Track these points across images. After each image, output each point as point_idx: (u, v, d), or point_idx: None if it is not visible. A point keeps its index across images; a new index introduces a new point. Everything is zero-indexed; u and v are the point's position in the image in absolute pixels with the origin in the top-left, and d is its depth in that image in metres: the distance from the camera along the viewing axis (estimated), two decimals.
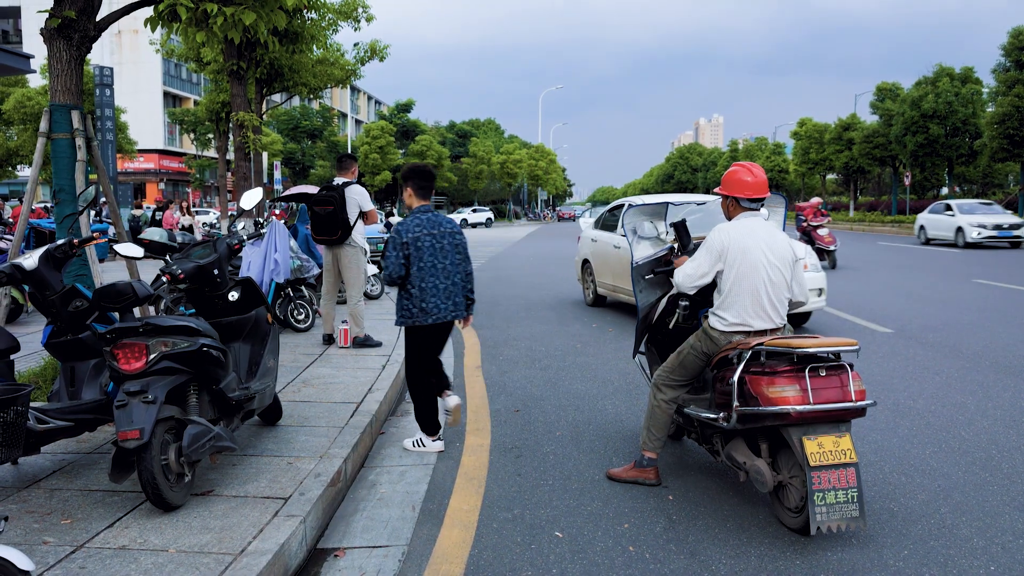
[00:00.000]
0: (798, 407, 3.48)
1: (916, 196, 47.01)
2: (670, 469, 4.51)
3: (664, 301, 4.71)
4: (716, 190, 4.22)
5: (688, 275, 4.08)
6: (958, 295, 12.07)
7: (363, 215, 7.47)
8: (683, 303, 4.53)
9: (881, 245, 26.05)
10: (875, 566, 3.32)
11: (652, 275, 4.68)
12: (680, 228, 4.61)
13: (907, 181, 39.46)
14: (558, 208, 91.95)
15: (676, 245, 4.69)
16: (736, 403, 3.66)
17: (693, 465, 4.58)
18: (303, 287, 8.70)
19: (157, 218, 22.28)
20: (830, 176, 58.47)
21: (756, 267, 3.89)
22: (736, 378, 3.67)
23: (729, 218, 4.12)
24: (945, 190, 46.89)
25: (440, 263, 4.67)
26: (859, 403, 3.55)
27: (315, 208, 7.39)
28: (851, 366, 3.63)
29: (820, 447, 3.49)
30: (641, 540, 3.61)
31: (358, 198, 7.42)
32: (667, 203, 5.08)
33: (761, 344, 3.67)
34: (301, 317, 8.58)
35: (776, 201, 4.56)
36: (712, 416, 3.92)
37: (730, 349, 3.86)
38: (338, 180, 7.52)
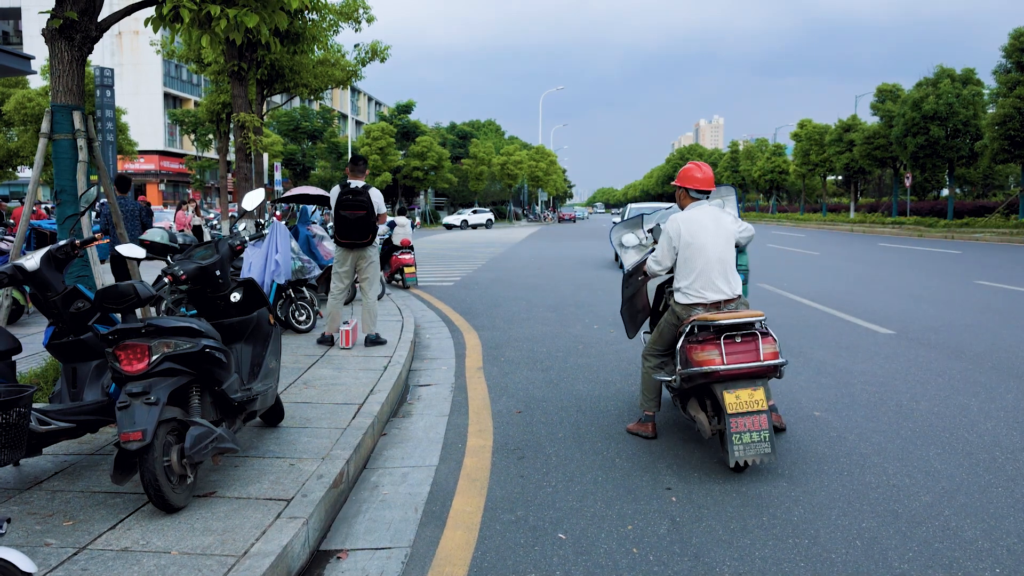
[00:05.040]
0: (717, 367, 4.34)
1: (917, 198, 47.01)
2: (673, 471, 4.51)
3: (654, 290, 5.49)
4: (673, 182, 5.05)
5: (656, 260, 4.91)
6: (959, 296, 12.06)
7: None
8: (669, 290, 5.20)
9: (882, 246, 26.05)
10: (880, 568, 3.31)
11: (642, 276, 5.30)
12: (656, 231, 5.29)
13: (908, 182, 39.45)
14: (559, 209, 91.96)
15: (655, 246, 5.29)
16: (679, 367, 4.58)
17: (697, 466, 4.57)
18: (304, 288, 8.70)
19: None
20: (830, 177, 58.47)
21: (705, 247, 4.67)
22: (679, 347, 4.61)
23: (682, 207, 4.95)
24: (946, 191, 46.89)
25: None
26: (767, 362, 4.36)
27: (342, 212, 7.36)
28: (764, 333, 4.43)
29: (737, 398, 4.33)
30: (645, 542, 3.59)
31: (378, 201, 7.49)
32: (642, 215, 5.87)
33: (694, 320, 4.54)
34: (302, 318, 8.58)
35: (728, 192, 5.50)
36: (668, 379, 4.79)
37: (688, 323, 4.64)
38: (355, 183, 7.47)
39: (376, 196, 7.47)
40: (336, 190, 7.49)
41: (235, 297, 4.56)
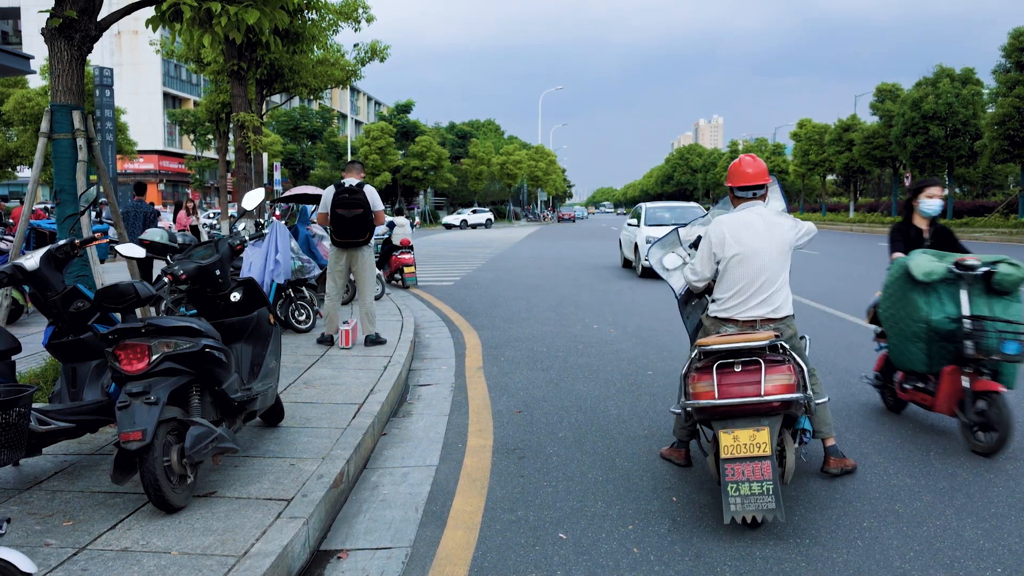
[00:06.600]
0: (708, 402, 3.63)
1: None
2: (673, 471, 4.50)
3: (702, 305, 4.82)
4: (725, 184, 4.37)
5: (693, 270, 4.29)
6: None
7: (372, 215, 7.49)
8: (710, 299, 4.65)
9: (881, 246, 26.04)
10: (881, 568, 3.31)
11: (697, 300, 4.73)
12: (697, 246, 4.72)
13: (907, 182, 39.45)
14: (558, 209, 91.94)
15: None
16: (682, 398, 3.94)
17: (697, 467, 4.57)
18: (304, 288, 8.69)
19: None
20: (830, 177, 58.46)
21: (751, 256, 4.00)
22: (682, 373, 3.94)
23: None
24: (945, 191, 46.85)
25: None
26: (769, 398, 3.55)
27: (339, 211, 7.33)
28: (776, 362, 3.65)
29: (735, 440, 3.58)
30: (646, 542, 3.59)
31: (374, 199, 7.46)
32: (676, 229, 5.18)
33: (699, 344, 3.85)
34: (302, 318, 8.57)
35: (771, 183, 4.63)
36: (677, 411, 4.21)
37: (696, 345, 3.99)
38: (349, 181, 7.46)
39: (372, 194, 7.43)
40: (331, 189, 7.46)
41: (235, 297, 4.56)
